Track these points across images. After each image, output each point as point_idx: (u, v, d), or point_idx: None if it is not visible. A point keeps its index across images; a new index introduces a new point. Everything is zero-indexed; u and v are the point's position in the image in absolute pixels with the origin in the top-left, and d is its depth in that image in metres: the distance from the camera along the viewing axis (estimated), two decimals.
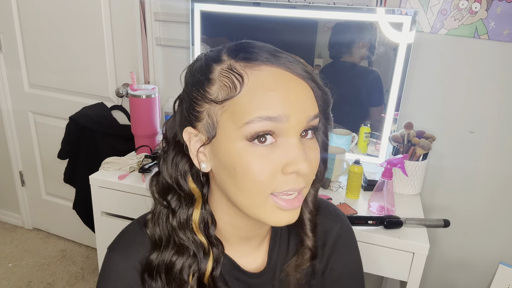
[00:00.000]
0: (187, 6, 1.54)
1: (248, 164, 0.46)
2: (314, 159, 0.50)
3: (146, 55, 1.68)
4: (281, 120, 0.46)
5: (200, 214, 0.54)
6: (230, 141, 0.47)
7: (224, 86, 0.47)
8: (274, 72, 0.47)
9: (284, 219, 0.49)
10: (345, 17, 1.36)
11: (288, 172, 0.47)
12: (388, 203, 1.19)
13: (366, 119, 1.47)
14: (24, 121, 2.11)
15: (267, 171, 0.47)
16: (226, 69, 0.48)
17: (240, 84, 0.47)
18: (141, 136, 1.55)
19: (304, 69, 0.48)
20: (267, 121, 0.45)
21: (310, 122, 0.48)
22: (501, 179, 1.42)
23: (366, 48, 1.39)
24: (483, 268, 1.53)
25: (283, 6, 1.41)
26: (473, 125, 1.40)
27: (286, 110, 0.46)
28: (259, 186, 0.47)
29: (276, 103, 0.46)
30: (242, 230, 0.57)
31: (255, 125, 0.45)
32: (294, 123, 0.46)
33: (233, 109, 0.47)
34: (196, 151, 0.52)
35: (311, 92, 0.49)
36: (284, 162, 0.47)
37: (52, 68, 1.91)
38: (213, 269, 0.55)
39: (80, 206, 1.87)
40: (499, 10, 1.25)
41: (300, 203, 0.50)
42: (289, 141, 0.47)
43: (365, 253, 1.15)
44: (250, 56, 0.48)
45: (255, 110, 0.45)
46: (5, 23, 1.92)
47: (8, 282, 1.94)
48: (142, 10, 1.62)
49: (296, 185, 0.48)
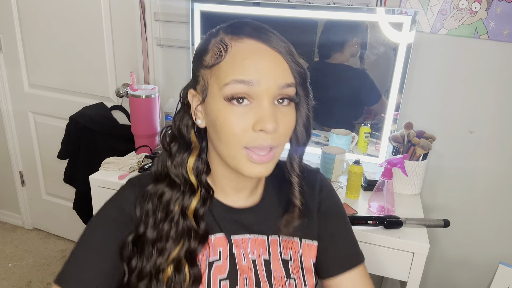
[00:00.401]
0: (187, 6, 1.54)
1: (225, 119, 0.56)
2: (284, 122, 0.58)
3: (146, 55, 1.68)
4: (252, 84, 0.55)
5: (195, 161, 0.64)
6: (215, 100, 0.58)
7: (214, 54, 0.58)
8: (253, 44, 0.57)
9: (255, 170, 0.59)
10: (345, 17, 1.36)
11: (256, 129, 0.56)
12: (388, 203, 1.19)
13: (361, 118, 1.47)
14: (24, 121, 2.11)
15: (240, 127, 0.56)
16: (218, 40, 0.59)
17: (224, 52, 0.57)
18: (141, 136, 1.55)
19: (282, 44, 0.57)
20: (241, 84, 0.55)
21: (283, 89, 0.57)
22: (501, 179, 1.42)
23: (357, 47, 1.40)
24: (483, 268, 1.53)
25: (283, 6, 1.41)
26: (473, 125, 1.40)
27: (257, 76, 0.55)
28: (234, 139, 0.57)
29: (249, 69, 0.55)
30: (233, 180, 0.67)
31: (231, 87, 0.55)
32: (264, 88, 0.56)
33: (218, 73, 0.57)
34: (195, 109, 0.63)
35: (285, 64, 0.58)
36: (254, 121, 0.56)
37: (52, 68, 1.91)
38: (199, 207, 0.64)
39: (80, 206, 1.87)
40: (499, 10, 1.25)
41: (270, 159, 0.59)
42: (261, 103, 0.56)
43: (365, 253, 1.15)
44: (236, 31, 0.58)
45: (232, 74, 0.56)
46: (5, 23, 1.92)
47: (8, 282, 1.94)
48: (142, 10, 1.62)
49: (264, 141, 0.57)
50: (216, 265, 0.66)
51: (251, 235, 0.68)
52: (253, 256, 0.68)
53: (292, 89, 0.58)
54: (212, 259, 0.66)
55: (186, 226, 0.63)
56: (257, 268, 0.67)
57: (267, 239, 0.69)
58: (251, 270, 0.67)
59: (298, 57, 0.59)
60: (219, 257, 0.66)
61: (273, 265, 0.68)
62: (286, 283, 0.68)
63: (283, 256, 0.69)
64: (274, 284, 0.67)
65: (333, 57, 1.44)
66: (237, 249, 0.67)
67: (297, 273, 0.69)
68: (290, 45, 0.59)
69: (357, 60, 1.41)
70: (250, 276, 0.67)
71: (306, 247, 0.71)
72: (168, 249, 0.62)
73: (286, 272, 0.68)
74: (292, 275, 0.69)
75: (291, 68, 0.58)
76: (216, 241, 0.67)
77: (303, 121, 0.63)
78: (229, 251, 0.67)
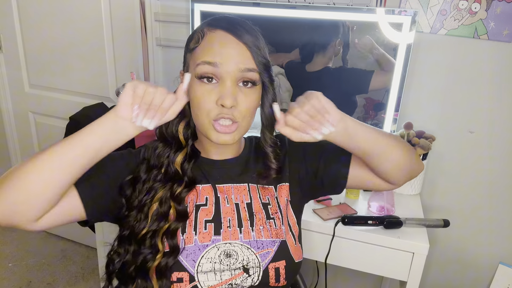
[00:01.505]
0: (187, 6, 1.54)
1: (196, 94, 0.70)
2: (243, 100, 0.70)
3: (146, 55, 1.69)
4: (217, 65, 0.68)
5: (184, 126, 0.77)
6: (192, 78, 0.71)
7: (195, 41, 0.72)
8: (223, 35, 0.70)
9: (220, 138, 0.71)
10: (345, 17, 1.36)
11: (218, 104, 0.69)
12: (388, 203, 1.19)
13: (361, 118, 1.47)
14: (24, 121, 2.11)
15: (207, 101, 0.69)
16: (199, 30, 0.73)
17: (201, 39, 0.71)
18: (141, 136, 1.54)
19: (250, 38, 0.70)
20: (208, 65, 0.68)
21: (244, 73, 0.69)
22: (501, 179, 1.42)
23: (339, 47, 1.40)
24: (483, 268, 1.53)
25: (283, 6, 1.41)
26: (473, 125, 1.40)
27: (220, 59, 0.68)
28: (203, 111, 0.70)
29: (214, 53, 0.69)
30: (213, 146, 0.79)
31: (201, 67, 0.69)
32: (226, 69, 0.68)
33: (195, 56, 0.71)
34: None
35: (248, 53, 0.70)
36: (217, 97, 0.69)
37: (52, 68, 1.91)
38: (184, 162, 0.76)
39: None
40: (499, 10, 1.25)
41: (232, 131, 0.71)
42: (224, 83, 0.69)
43: (365, 253, 1.15)
44: (213, 23, 0.72)
45: (202, 56, 0.69)
46: (5, 23, 1.92)
47: (8, 282, 1.94)
48: (142, 10, 1.62)
49: (225, 114, 0.69)
50: (203, 208, 0.77)
51: (234, 184, 0.81)
52: (237, 201, 0.79)
53: (254, 74, 0.70)
54: (199, 203, 0.77)
55: (172, 173, 0.75)
56: (240, 211, 0.78)
57: (248, 186, 0.81)
58: (234, 212, 0.78)
59: (264, 50, 0.72)
60: (206, 203, 0.78)
61: (255, 208, 0.79)
62: (267, 222, 0.78)
63: (262, 200, 0.80)
64: (256, 223, 0.77)
65: (314, 60, 1.45)
66: (221, 194, 0.79)
67: (275, 213, 0.80)
68: (261, 41, 0.72)
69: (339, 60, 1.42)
70: (233, 218, 0.77)
71: (280, 189, 0.83)
72: (155, 188, 0.74)
73: (267, 213, 0.79)
74: (272, 215, 0.79)
75: (254, 57, 0.70)
76: (203, 189, 0.79)
77: (270, 103, 0.75)
78: (215, 197, 0.78)
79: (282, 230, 0.78)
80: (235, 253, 0.73)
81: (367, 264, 1.17)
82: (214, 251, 0.73)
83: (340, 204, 1.24)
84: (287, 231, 0.79)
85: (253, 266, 0.73)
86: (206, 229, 0.74)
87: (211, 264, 0.72)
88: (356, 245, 1.14)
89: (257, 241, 0.75)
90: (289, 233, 0.79)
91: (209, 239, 0.73)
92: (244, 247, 0.74)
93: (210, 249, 0.73)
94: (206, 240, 0.73)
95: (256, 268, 0.73)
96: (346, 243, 1.15)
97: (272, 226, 0.77)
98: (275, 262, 0.74)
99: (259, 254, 0.74)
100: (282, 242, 0.76)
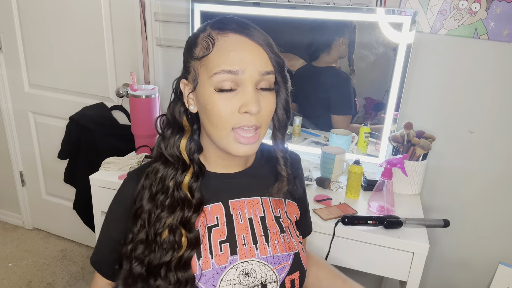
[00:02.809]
0: (187, 6, 1.54)
1: (214, 103, 0.65)
2: (265, 105, 0.67)
3: (146, 55, 1.69)
4: (238, 73, 0.63)
5: (187, 142, 0.72)
6: (205, 87, 0.66)
7: (203, 47, 0.66)
8: (237, 38, 0.65)
9: (241, 150, 0.67)
10: (345, 17, 1.36)
11: (242, 111, 0.64)
12: (388, 203, 1.19)
13: (361, 118, 1.47)
14: (24, 121, 2.11)
15: (228, 110, 0.65)
16: (206, 35, 0.67)
17: (212, 45, 0.65)
18: (141, 136, 1.55)
19: (262, 37, 0.66)
20: (228, 74, 0.63)
21: (264, 76, 0.65)
22: (501, 179, 1.42)
23: (344, 47, 1.41)
24: (483, 268, 1.54)
25: (283, 6, 1.41)
26: (473, 125, 1.40)
27: (242, 66, 0.63)
28: (223, 121, 0.65)
29: (234, 60, 0.63)
30: (223, 159, 0.75)
31: (220, 76, 0.64)
32: (248, 75, 0.64)
33: (207, 63, 0.66)
34: (187, 96, 0.71)
35: (265, 54, 0.66)
36: (240, 104, 0.64)
37: (52, 68, 1.91)
38: (192, 182, 0.72)
39: (80, 206, 1.87)
40: (499, 10, 1.25)
41: (255, 140, 0.67)
42: (245, 89, 0.64)
43: (365, 253, 1.15)
44: (222, 26, 0.66)
45: (220, 65, 0.64)
46: (5, 23, 1.92)
47: (8, 282, 1.94)
48: (142, 10, 1.62)
49: (249, 122, 0.65)
50: (215, 229, 0.73)
51: (247, 198, 0.77)
52: (250, 216, 0.76)
53: (272, 76, 0.67)
54: (210, 225, 0.73)
55: (180, 197, 0.70)
56: (253, 226, 0.75)
57: (260, 200, 0.78)
58: (248, 228, 0.74)
59: (276, 49, 0.68)
60: (217, 223, 0.74)
61: (268, 222, 0.76)
62: (281, 236, 0.76)
63: (275, 214, 0.78)
64: (270, 238, 0.75)
65: (320, 59, 1.47)
66: (234, 211, 0.75)
67: (287, 226, 0.79)
68: (269, 38, 0.68)
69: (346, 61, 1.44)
70: (247, 234, 0.74)
71: (289, 205, 0.82)
72: (163, 217, 0.69)
73: (280, 227, 0.77)
74: (285, 229, 0.78)
75: (270, 58, 0.66)
76: (212, 209, 0.74)
77: (282, 104, 0.72)
78: (226, 215, 0.74)
79: (293, 242, 0.77)
80: (253, 272, 0.72)
81: (367, 264, 1.17)
82: (233, 272, 0.70)
83: (340, 204, 1.24)
84: (297, 242, 0.78)
85: (271, 282, 0.72)
86: (222, 250, 0.71)
87: (231, 286, 0.69)
88: (356, 245, 1.14)
89: (273, 257, 0.73)
90: (299, 244, 0.79)
91: (226, 261, 0.71)
92: (262, 264, 0.72)
93: (229, 270, 0.70)
94: (223, 262, 0.71)
95: (274, 283, 0.72)
96: (346, 243, 1.15)
97: (286, 240, 0.76)
98: (291, 275, 0.74)
99: (276, 269, 0.73)
100: (295, 254, 0.76)
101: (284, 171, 0.77)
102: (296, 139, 1.58)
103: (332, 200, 1.26)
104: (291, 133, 1.58)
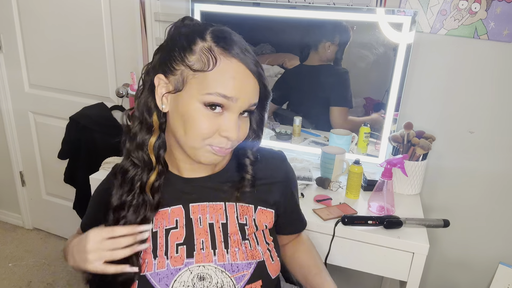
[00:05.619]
0: (187, 6, 1.54)
1: (198, 118, 0.65)
2: (242, 129, 0.70)
3: (146, 55, 1.69)
4: (232, 100, 0.65)
5: (155, 140, 0.72)
6: (191, 100, 0.65)
7: (201, 61, 0.65)
8: (238, 65, 0.65)
9: (212, 158, 0.69)
10: (345, 17, 1.36)
11: (222, 135, 0.67)
12: (388, 203, 1.19)
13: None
14: (24, 121, 2.11)
15: (210, 129, 0.66)
16: (207, 48, 0.65)
17: (213, 64, 0.64)
18: None
19: (258, 70, 0.67)
20: (222, 97, 0.64)
21: (250, 107, 0.68)
22: (501, 179, 1.42)
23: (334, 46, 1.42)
24: (483, 268, 1.54)
25: (283, 6, 1.41)
26: (473, 125, 1.40)
27: (238, 94, 0.65)
28: (201, 136, 0.66)
29: (234, 88, 0.64)
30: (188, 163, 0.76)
31: (213, 97, 0.64)
32: (239, 105, 0.66)
33: (202, 79, 0.65)
34: (162, 95, 0.69)
35: (257, 87, 0.69)
36: (223, 128, 0.66)
37: (52, 68, 1.91)
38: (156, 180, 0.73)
39: (80, 206, 1.87)
40: (499, 10, 1.25)
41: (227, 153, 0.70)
42: (231, 115, 0.66)
43: (365, 253, 1.15)
44: (227, 47, 0.65)
45: (217, 87, 0.64)
46: (5, 23, 1.92)
47: (8, 282, 1.94)
48: (142, 10, 1.62)
49: (225, 145, 0.68)
50: (173, 232, 0.75)
51: (210, 203, 0.77)
52: (211, 221, 0.76)
53: (254, 107, 0.70)
54: (168, 227, 0.75)
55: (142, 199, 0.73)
56: (214, 231, 0.75)
57: (224, 205, 0.77)
58: (207, 233, 0.75)
59: (264, 75, 0.70)
60: (176, 225, 0.75)
61: (230, 229, 0.76)
62: (242, 243, 0.75)
63: (239, 221, 0.77)
64: (231, 245, 0.75)
65: (320, 58, 1.48)
66: (194, 215, 0.76)
67: (251, 235, 0.77)
68: (261, 65, 0.69)
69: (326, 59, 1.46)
70: (206, 239, 0.74)
71: (261, 212, 0.80)
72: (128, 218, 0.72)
73: (242, 234, 0.76)
74: (247, 236, 0.77)
75: (260, 89, 0.69)
76: (172, 211, 0.76)
77: (256, 122, 0.76)
78: (186, 218, 0.75)
79: (259, 250, 0.76)
80: (209, 276, 0.72)
81: (367, 264, 1.17)
82: (187, 274, 0.71)
83: (340, 204, 1.24)
84: (264, 250, 0.77)
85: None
86: (178, 252, 0.73)
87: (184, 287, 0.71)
88: (356, 245, 1.14)
89: (231, 264, 0.73)
90: (267, 252, 0.78)
91: (181, 263, 0.72)
92: (219, 270, 0.72)
93: (183, 272, 0.71)
94: (178, 263, 0.72)
95: None
96: (346, 243, 1.15)
97: (248, 248, 0.75)
98: (251, 283, 0.73)
99: (235, 277, 0.72)
100: (259, 263, 0.75)
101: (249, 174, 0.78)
102: (296, 139, 1.58)
103: (332, 200, 1.26)
104: (291, 133, 1.58)
